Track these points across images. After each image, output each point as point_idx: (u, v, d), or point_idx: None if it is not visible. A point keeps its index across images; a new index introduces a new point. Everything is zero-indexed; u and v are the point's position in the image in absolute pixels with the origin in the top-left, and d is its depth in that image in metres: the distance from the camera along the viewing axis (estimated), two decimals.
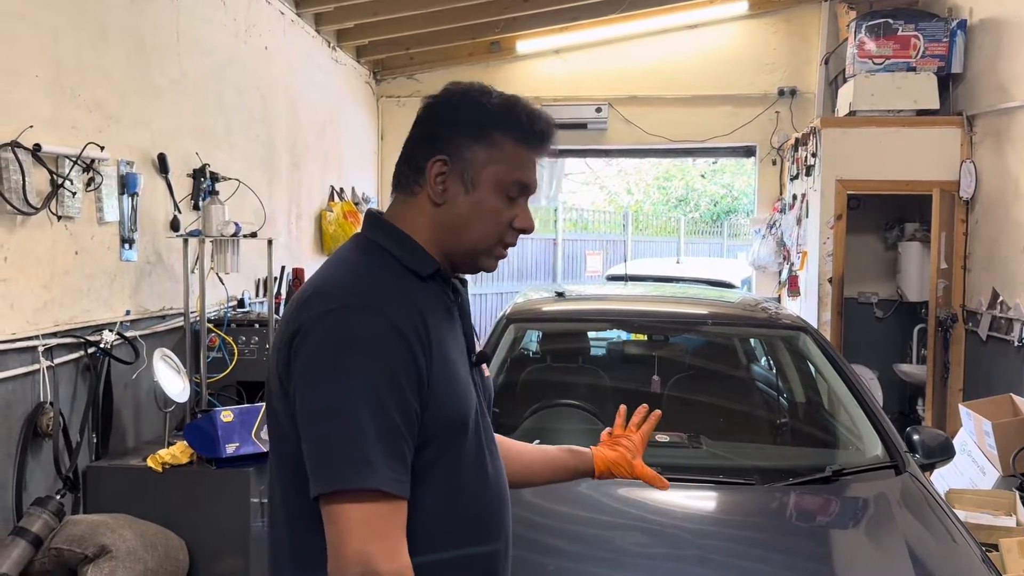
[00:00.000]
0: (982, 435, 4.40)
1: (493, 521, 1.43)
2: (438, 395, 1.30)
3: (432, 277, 1.38)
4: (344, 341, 1.23)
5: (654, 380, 3.30)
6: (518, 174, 1.37)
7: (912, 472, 2.72)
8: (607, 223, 15.26)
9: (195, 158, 4.22)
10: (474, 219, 1.37)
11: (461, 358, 1.41)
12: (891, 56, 5.94)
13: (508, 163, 1.36)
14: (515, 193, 1.38)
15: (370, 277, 1.32)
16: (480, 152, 1.36)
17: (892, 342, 6.83)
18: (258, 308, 4.65)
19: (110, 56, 3.57)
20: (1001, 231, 5.35)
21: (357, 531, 1.18)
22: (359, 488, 1.19)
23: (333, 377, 1.23)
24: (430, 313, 1.33)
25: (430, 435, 1.30)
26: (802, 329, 3.40)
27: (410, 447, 1.25)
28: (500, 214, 1.37)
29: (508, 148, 1.36)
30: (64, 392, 3.27)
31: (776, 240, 7.13)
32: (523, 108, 1.39)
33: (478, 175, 1.36)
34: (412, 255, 1.37)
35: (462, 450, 1.36)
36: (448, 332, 1.38)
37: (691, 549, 2.31)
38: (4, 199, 2.89)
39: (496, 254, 1.41)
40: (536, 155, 1.39)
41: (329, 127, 6.41)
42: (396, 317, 1.26)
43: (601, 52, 7.46)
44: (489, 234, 1.38)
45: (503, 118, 1.37)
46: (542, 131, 1.39)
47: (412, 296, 1.32)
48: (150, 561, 2.95)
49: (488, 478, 1.42)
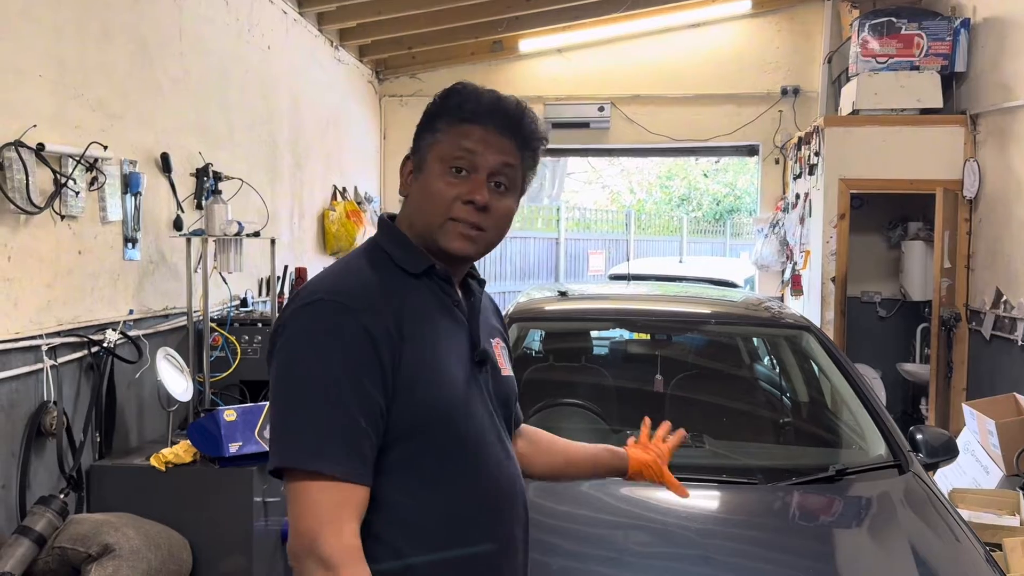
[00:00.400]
0: (985, 434, 4.39)
1: (483, 522, 1.42)
2: (411, 391, 1.33)
3: (427, 275, 1.42)
4: (310, 333, 1.30)
5: (657, 379, 3.29)
6: (458, 145, 1.39)
7: (916, 471, 2.71)
8: (609, 222, 15.26)
9: (198, 157, 4.23)
10: (423, 199, 1.41)
11: (457, 356, 1.42)
12: (894, 55, 5.93)
13: (448, 139, 1.40)
14: (462, 165, 1.39)
15: (353, 275, 1.38)
16: (427, 138, 1.43)
17: (895, 341, 6.82)
18: (261, 307, 4.65)
19: (113, 55, 3.57)
20: (1005, 230, 5.34)
21: (307, 511, 1.25)
22: (308, 470, 1.25)
23: (297, 366, 1.30)
24: (417, 310, 1.37)
25: (401, 431, 1.33)
26: (805, 328, 3.40)
27: (370, 437, 1.29)
28: (444, 189, 1.39)
29: (448, 127, 1.41)
30: (68, 391, 3.27)
31: (779, 239, 7.13)
32: (462, 89, 1.44)
33: (424, 159, 1.43)
34: (405, 253, 1.42)
35: (444, 449, 1.37)
36: (443, 330, 1.41)
37: (694, 548, 2.31)
38: (8, 198, 2.89)
39: (450, 229, 1.40)
40: (479, 124, 1.40)
41: (332, 126, 6.41)
42: (363, 313, 1.31)
43: (604, 51, 7.46)
44: (436, 210, 1.39)
45: (444, 103, 1.43)
46: (484, 103, 1.42)
47: (396, 294, 1.36)
48: (153, 560, 2.95)
49: (480, 478, 1.42)
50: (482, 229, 1.41)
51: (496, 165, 1.40)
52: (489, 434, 1.46)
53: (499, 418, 1.50)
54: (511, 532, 1.50)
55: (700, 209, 19.75)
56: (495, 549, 1.45)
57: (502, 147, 1.41)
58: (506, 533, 1.48)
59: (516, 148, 1.43)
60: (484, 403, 1.46)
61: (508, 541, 1.49)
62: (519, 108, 1.44)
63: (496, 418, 1.48)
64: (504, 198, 1.43)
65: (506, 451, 1.50)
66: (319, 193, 6.16)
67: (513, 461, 1.51)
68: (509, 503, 1.49)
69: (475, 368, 1.46)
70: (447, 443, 1.38)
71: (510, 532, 1.49)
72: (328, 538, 1.24)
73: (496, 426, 1.47)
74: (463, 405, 1.40)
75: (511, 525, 1.50)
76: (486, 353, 1.48)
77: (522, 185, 1.48)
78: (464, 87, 1.44)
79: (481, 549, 1.42)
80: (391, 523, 1.34)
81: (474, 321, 1.49)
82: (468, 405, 1.41)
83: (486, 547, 1.43)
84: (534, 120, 1.45)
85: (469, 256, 1.44)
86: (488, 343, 1.52)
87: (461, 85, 1.45)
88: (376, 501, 1.32)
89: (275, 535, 3.44)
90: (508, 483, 1.48)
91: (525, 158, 1.46)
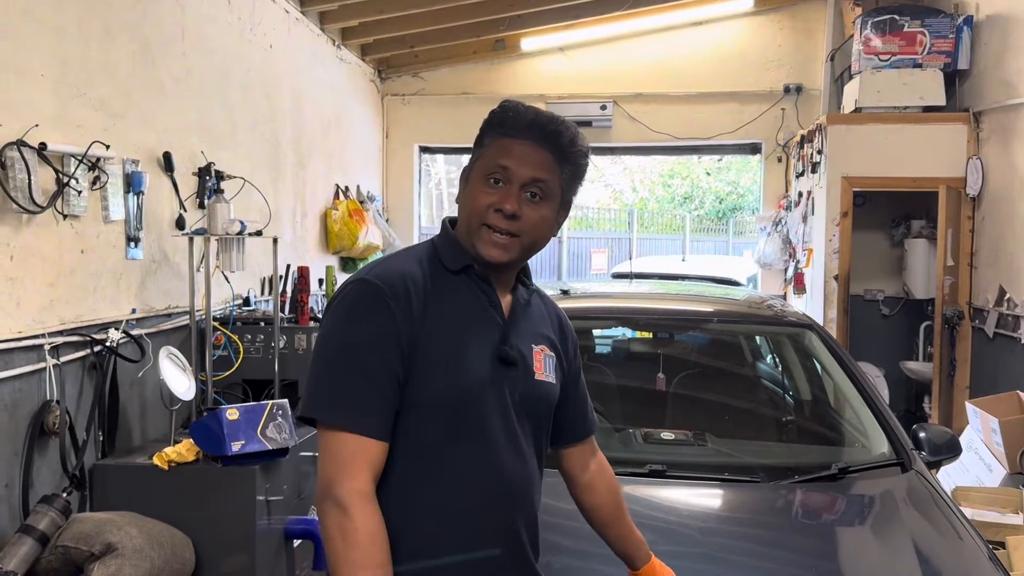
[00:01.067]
0: (989, 433, 4.39)
1: (471, 519, 1.48)
2: (423, 373, 1.46)
3: (465, 273, 1.55)
4: (347, 307, 1.48)
5: (659, 378, 3.29)
6: (496, 160, 1.52)
7: (918, 470, 2.71)
8: (612, 221, 15.26)
9: (200, 156, 4.23)
10: (464, 208, 1.56)
11: (480, 352, 1.50)
12: (897, 52, 5.92)
13: (489, 153, 1.53)
14: (499, 176, 1.51)
15: (397, 264, 1.53)
16: (476, 152, 1.58)
17: (898, 340, 6.82)
18: (263, 307, 4.66)
19: (115, 55, 3.58)
20: (1008, 227, 5.33)
21: (326, 459, 1.42)
22: (325, 422, 1.43)
23: (326, 331, 1.50)
24: (446, 302, 1.51)
25: (408, 404, 1.46)
26: (808, 327, 3.39)
27: (387, 398, 1.44)
28: (481, 198, 1.51)
29: (491, 142, 1.55)
30: (70, 390, 3.28)
31: (782, 237, 7.12)
32: (507, 106, 1.57)
33: (471, 171, 1.57)
34: (449, 251, 1.57)
35: (446, 437, 1.46)
36: (470, 325, 1.52)
37: (697, 547, 2.30)
38: (10, 198, 2.89)
39: (484, 237, 1.52)
40: (517, 137, 1.52)
41: (334, 125, 6.41)
42: (392, 296, 1.46)
43: (606, 49, 7.45)
44: (474, 216, 1.52)
45: (491, 120, 1.57)
46: (522, 118, 1.53)
47: (429, 285, 1.51)
48: (156, 559, 2.95)
49: (477, 473, 1.47)
50: (514, 235, 1.51)
51: (528, 177, 1.51)
52: (498, 433, 1.49)
53: (521, 420, 1.54)
54: (507, 535, 1.51)
55: (703, 207, 19.72)
56: (484, 548, 1.48)
57: (537, 159, 1.52)
58: (501, 535, 1.50)
59: (554, 160, 1.53)
60: (501, 402, 1.50)
61: (506, 544, 1.51)
62: (555, 122, 1.55)
63: (514, 419, 1.51)
64: (538, 207, 1.53)
65: (518, 453, 1.52)
66: (321, 192, 6.16)
67: (526, 465, 1.54)
68: (509, 505, 1.50)
69: (499, 365, 1.51)
70: (450, 432, 1.46)
71: (506, 535, 1.51)
72: (342, 482, 1.39)
73: (511, 427, 1.50)
74: (474, 398, 1.48)
75: (508, 528, 1.51)
76: (508, 353, 1.53)
77: (563, 195, 1.58)
78: (508, 104, 1.58)
79: (466, 546, 1.47)
80: (386, 506, 1.43)
81: (511, 323, 1.57)
82: (480, 400, 1.48)
83: (472, 544, 1.47)
84: (573, 135, 1.56)
85: (502, 262, 1.54)
86: (527, 347, 1.59)
87: (506, 103, 1.59)
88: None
89: (278, 534, 3.44)
90: (510, 485, 1.50)
91: (564, 171, 1.55)
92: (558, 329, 1.73)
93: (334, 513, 1.37)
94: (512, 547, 1.52)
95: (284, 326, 4.15)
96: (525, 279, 1.66)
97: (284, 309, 4.33)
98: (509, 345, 1.54)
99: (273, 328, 4.09)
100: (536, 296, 1.70)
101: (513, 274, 1.62)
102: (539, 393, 1.59)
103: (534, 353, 1.60)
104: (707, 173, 19.83)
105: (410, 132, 7.61)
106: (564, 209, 1.59)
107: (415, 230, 7.81)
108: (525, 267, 1.65)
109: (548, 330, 1.69)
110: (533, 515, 1.57)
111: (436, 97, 7.49)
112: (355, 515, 1.36)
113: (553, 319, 1.73)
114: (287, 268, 4.66)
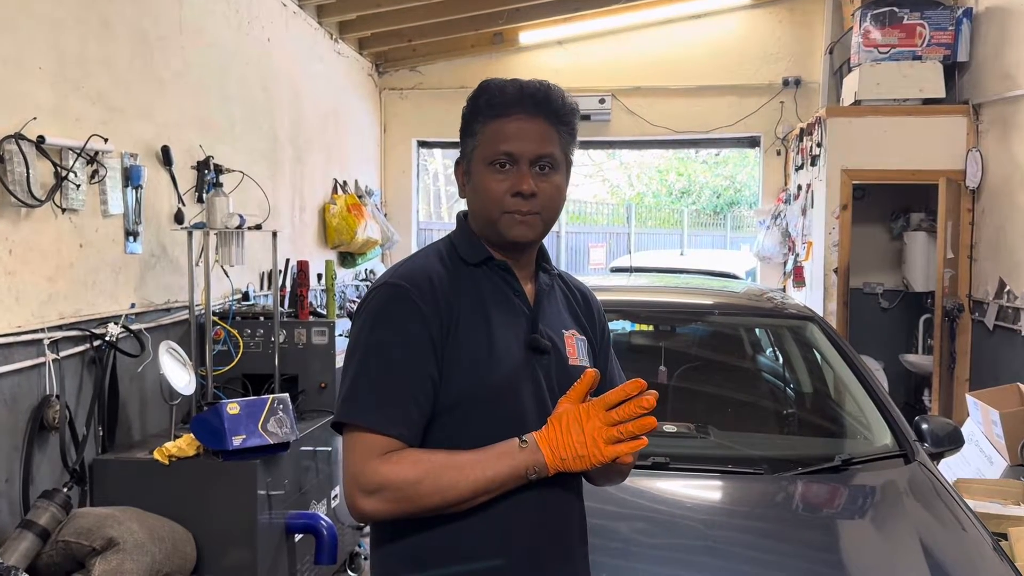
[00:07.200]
0: (989, 425, 4.39)
1: (509, 505, 1.42)
2: (456, 369, 1.43)
3: (485, 265, 1.54)
4: (373, 312, 1.47)
5: (661, 371, 3.28)
6: (497, 145, 1.49)
7: (921, 461, 2.71)
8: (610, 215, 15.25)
9: (199, 150, 4.21)
10: (478, 200, 1.53)
11: (509, 342, 1.48)
12: (896, 45, 5.91)
13: (487, 140, 1.50)
14: (504, 160, 1.48)
15: (418, 263, 1.52)
16: (469, 143, 1.54)
17: (898, 332, 6.82)
18: (262, 301, 4.64)
19: (113, 48, 3.56)
20: (1008, 220, 5.32)
21: (352, 458, 1.41)
22: (354, 424, 1.41)
23: (356, 338, 1.48)
24: (470, 296, 1.49)
25: (443, 407, 1.44)
26: (809, 318, 3.39)
27: (418, 401, 1.42)
28: (494, 187, 1.49)
29: (484, 127, 1.51)
30: (70, 385, 3.27)
31: (781, 231, 7.11)
32: (488, 87, 1.53)
33: (471, 162, 1.54)
34: (467, 245, 1.56)
35: (482, 430, 1.43)
36: (497, 316, 1.50)
37: (700, 539, 2.30)
38: (8, 191, 2.88)
39: (508, 221, 1.49)
40: (509, 115, 1.49)
41: (332, 119, 6.39)
42: (418, 296, 1.44)
43: (604, 43, 7.43)
44: (491, 207, 1.50)
45: (475, 104, 1.53)
46: (508, 95, 1.50)
47: (452, 281, 1.49)
48: (157, 554, 2.95)
49: None
50: (536, 212, 1.49)
51: (535, 153, 1.48)
52: (533, 421, 1.45)
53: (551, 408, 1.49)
54: (554, 527, 1.49)
55: (699, 202, 19.71)
56: (525, 544, 1.45)
57: (536, 132, 1.49)
58: (546, 530, 1.48)
59: (551, 126, 1.51)
60: (536, 390, 1.49)
61: (551, 537, 1.49)
62: (543, 87, 1.52)
63: (550, 408, 1.47)
64: (551, 177, 1.51)
65: None
66: (320, 186, 6.14)
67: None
68: (549, 497, 1.47)
69: (532, 354, 1.50)
70: (486, 424, 1.44)
71: (553, 527, 1.49)
72: (366, 472, 1.38)
73: (547, 414, 1.45)
74: (508, 388, 1.46)
75: (556, 519, 1.50)
76: (539, 341, 1.52)
77: (566, 158, 1.55)
78: (489, 84, 1.53)
79: (504, 544, 1.43)
80: None
81: (538, 310, 1.55)
82: (516, 392, 1.46)
83: (509, 542, 1.44)
84: (560, 95, 1.53)
85: (531, 240, 1.52)
86: (558, 333, 1.57)
87: (486, 82, 1.54)
88: None
89: (279, 528, 3.44)
90: (550, 477, 1.47)
91: (562, 133, 1.53)
92: (584, 306, 1.69)
93: (363, 500, 1.38)
94: (558, 539, 1.51)
95: (284, 320, 4.14)
96: (545, 264, 1.62)
97: (284, 303, 4.32)
98: (539, 332, 1.52)
99: (273, 322, 4.08)
100: (558, 279, 1.66)
101: (532, 258, 1.59)
102: (575, 378, 1.53)
103: (565, 338, 1.58)
104: (704, 162, 19.82)
105: (408, 127, 7.59)
106: (569, 169, 1.57)
107: (413, 225, 7.80)
108: (544, 251, 1.62)
109: (576, 312, 1.66)
110: (575, 505, 1.55)
111: (434, 91, 7.46)
112: (390, 467, 1.37)
113: (578, 296, 1.69)
114: (286, 262, 4.65)
